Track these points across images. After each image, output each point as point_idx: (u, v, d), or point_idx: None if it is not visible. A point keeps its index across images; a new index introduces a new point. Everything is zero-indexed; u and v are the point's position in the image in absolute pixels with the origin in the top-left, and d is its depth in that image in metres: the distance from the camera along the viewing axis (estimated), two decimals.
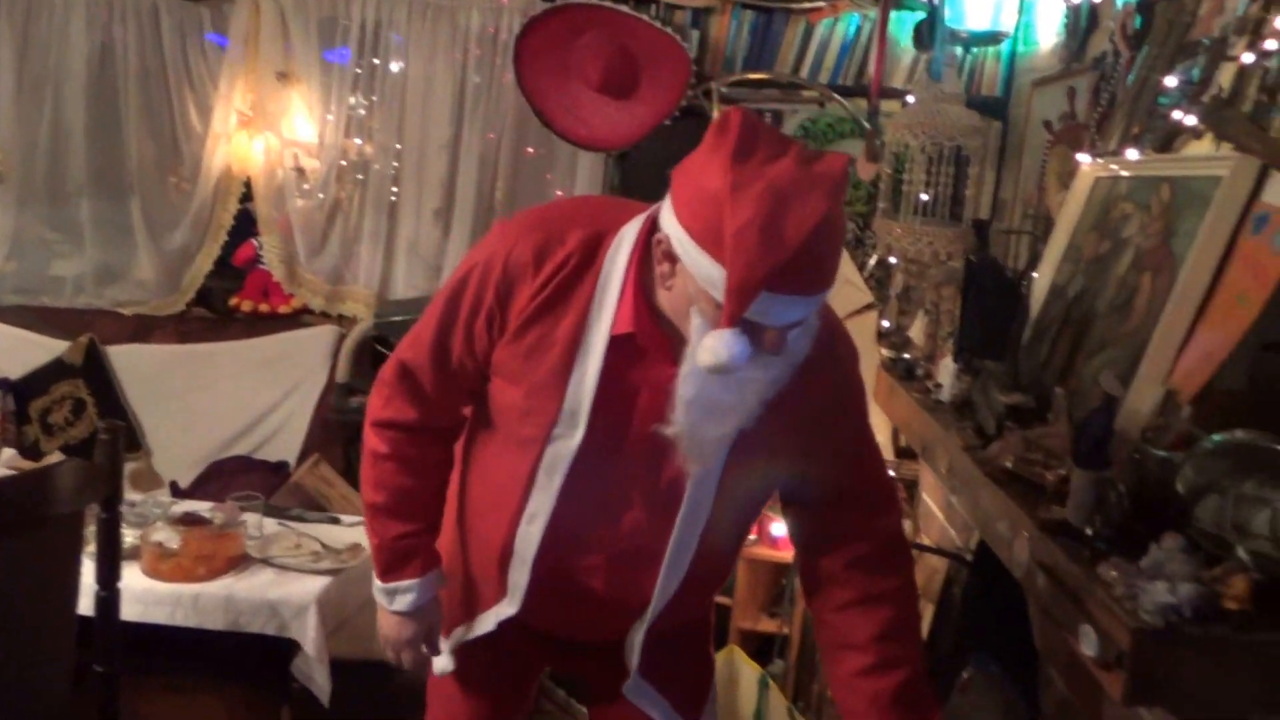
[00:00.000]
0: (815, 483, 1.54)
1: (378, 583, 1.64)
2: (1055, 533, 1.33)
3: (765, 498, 1.65)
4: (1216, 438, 1.17)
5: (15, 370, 3.63)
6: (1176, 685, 1.10)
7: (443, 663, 1.70)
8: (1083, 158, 1.99)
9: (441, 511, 1.66)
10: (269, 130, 3.75)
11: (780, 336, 1.27)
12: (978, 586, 2.07)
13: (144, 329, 3.81)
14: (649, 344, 1.38)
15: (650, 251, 1.37)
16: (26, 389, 3.61)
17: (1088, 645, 1.19)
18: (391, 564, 1.61)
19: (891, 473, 2.82)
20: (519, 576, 1.54)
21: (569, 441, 1.44)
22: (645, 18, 3.34)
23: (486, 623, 1.63)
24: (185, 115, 3.78)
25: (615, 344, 1.40)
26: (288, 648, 2.20)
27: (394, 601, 1.61)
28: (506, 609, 1.58)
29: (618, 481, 1.48)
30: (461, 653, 1.68)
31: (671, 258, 1.31)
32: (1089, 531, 1.29)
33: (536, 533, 1.50)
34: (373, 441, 1.59)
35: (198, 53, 3.74)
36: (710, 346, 1.25)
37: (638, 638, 1.59)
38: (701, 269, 1.26)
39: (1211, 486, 1.13)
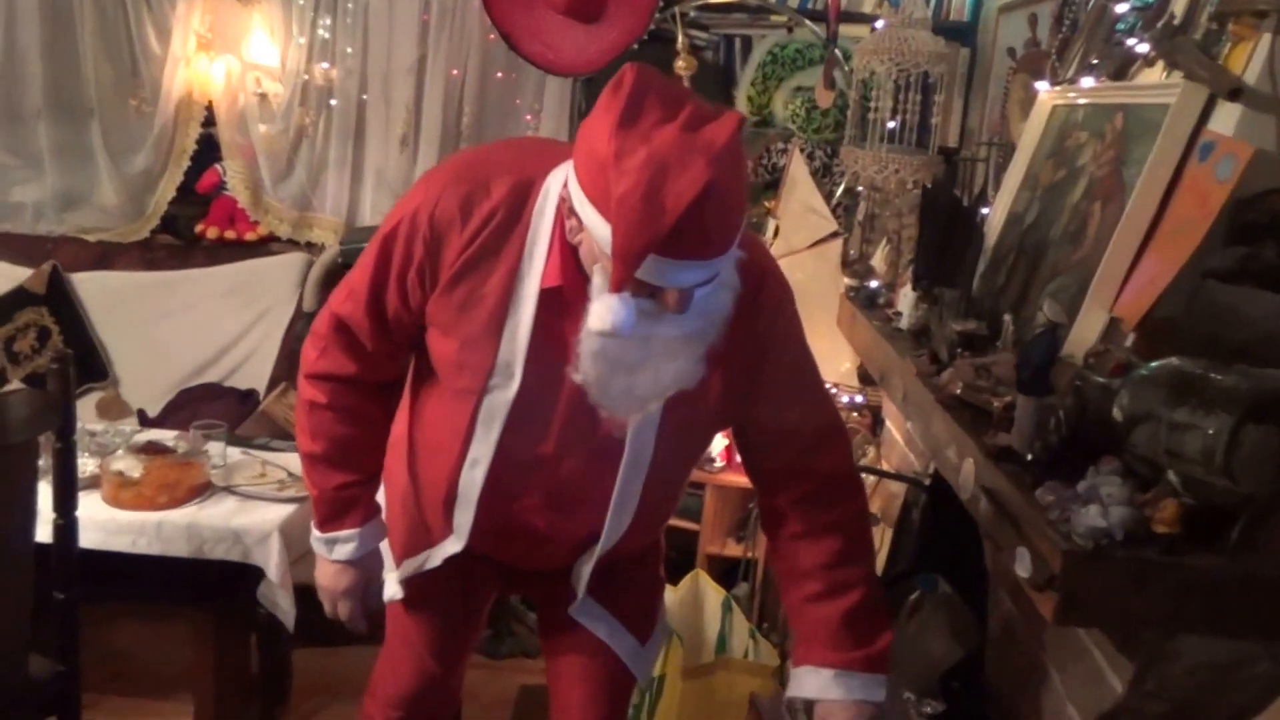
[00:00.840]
0: (755, 426, 1.57)
1: (316, 533, 1.64)
2: (999, 458, 1.35)
3: (707, 441, 1.69)
4: (1153, 365, 1.18)
5: None
6: (1104, 606, 1.14)
7: (391, 589, 1.72)
8: (1042, 85, 1.98)
9: (381, 463, 1.66)
10: (229, 53, 3.67)
11: (683, 297, 1.28)
12: (934, 510, 2.11)
13: (108, 256, 3.77)
14: (576, 298, 1.37)
15: None
16: None
17: (1022, 567, 1.22)
18: (331, 514, 1.62)
19: (859, 397, 2.89)
20: (464, 517, 1.56)
21: (504, 393, 1.45)
22: None
23: (434, 558, 1.65)
24: (144, 36, 3.69)
25: (546, 297, 1.41)
26: (254, 575, 2.22)
27: (334, 551, 1.62)
28: (453, 546, 1.61)
29: (557, 430, 1.49)
30: (412, 580, 1.70)
31: (575, 215, 1.31)
32: (1030, 457, 1.32)
33: (479, 477, 1.51)
34: (309, 392, 1.58)
35: None
36: (597, 311, 1.28)
37: (585, 569, 1.62)
38: (597, 230, 1.27)
39: (1147, 413, 1.14)
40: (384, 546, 1.72)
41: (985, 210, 2.04)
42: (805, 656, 1.57)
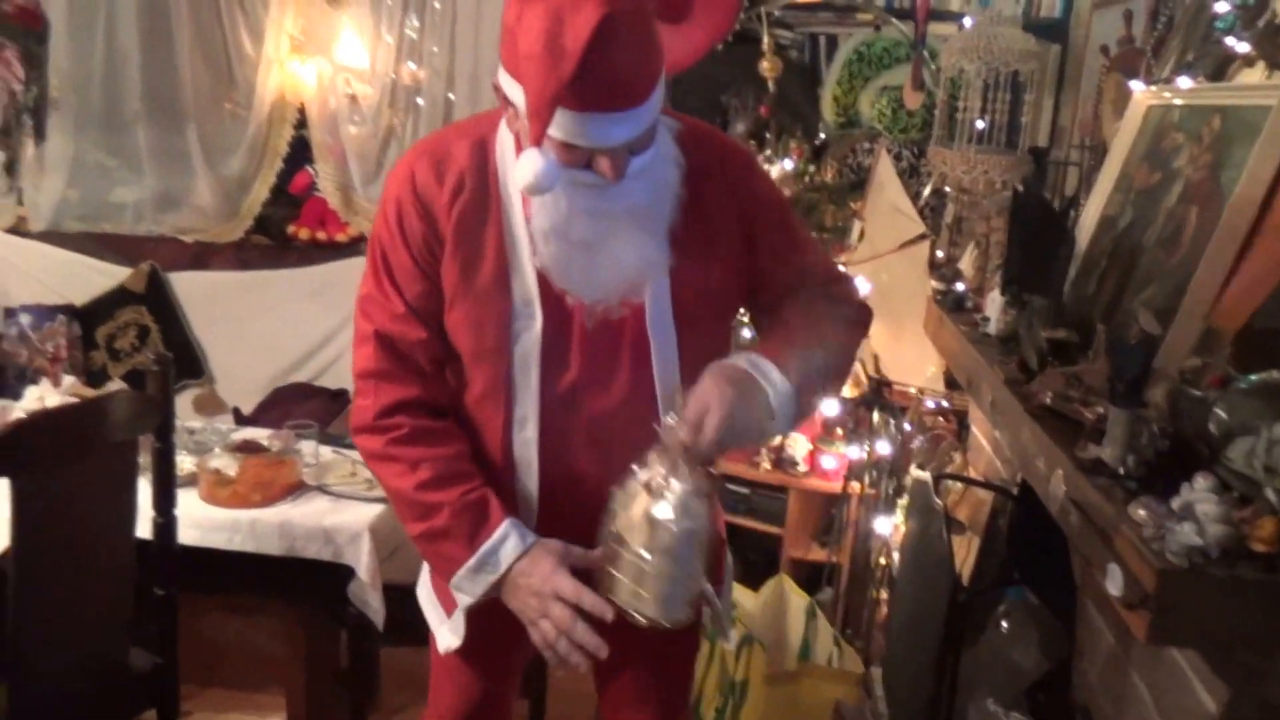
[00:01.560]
0: (764, 288, 1.56)
1: (470, 564, 1.44)
2: (1089, 471, 1.32)
3: (728, 320, 1.64)
4: (1252, 378, 1.15)
5: (80, 297, 3.74)
6: (1199, 626, 1.11)
7: (446, 640, 1.60)
8: (1136, 85, 1.93)
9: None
10: (320, 55, 3.76)
11: (616, 161, 1.30)
12: (1023, 520, 2.07)
13: (204, 255, 3.89)
14: None
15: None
16: (92, 315, 3.73)
17: (1113, 585, 1.19)
18: (474, 521, 1.45)
19: (944, 402, 2.85)
20: (528, 485, 1.50)
21: (531, 331, 1.44)
22: None
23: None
24: (238, 40, 3.80)
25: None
26: (345, 573, 2.27)
27: (502, 554, 1.43)
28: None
29: (588, 362, 1.47)
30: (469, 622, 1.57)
31: (505, 99, 1.34)
32: (1122, 470, 1.29)
33: (532, 435, 1.48)
34: (380, 440, 1.48)
35: None
36: (520, 167, 1.30)
37: None
38: (519, 100, 1.29)
39: (1244, 427, 1.11)
40: (429, 598, 1.65)
41: (1075, 213, 2.00)
42: None
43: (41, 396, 2.49)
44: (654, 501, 1.31)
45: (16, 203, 3.89)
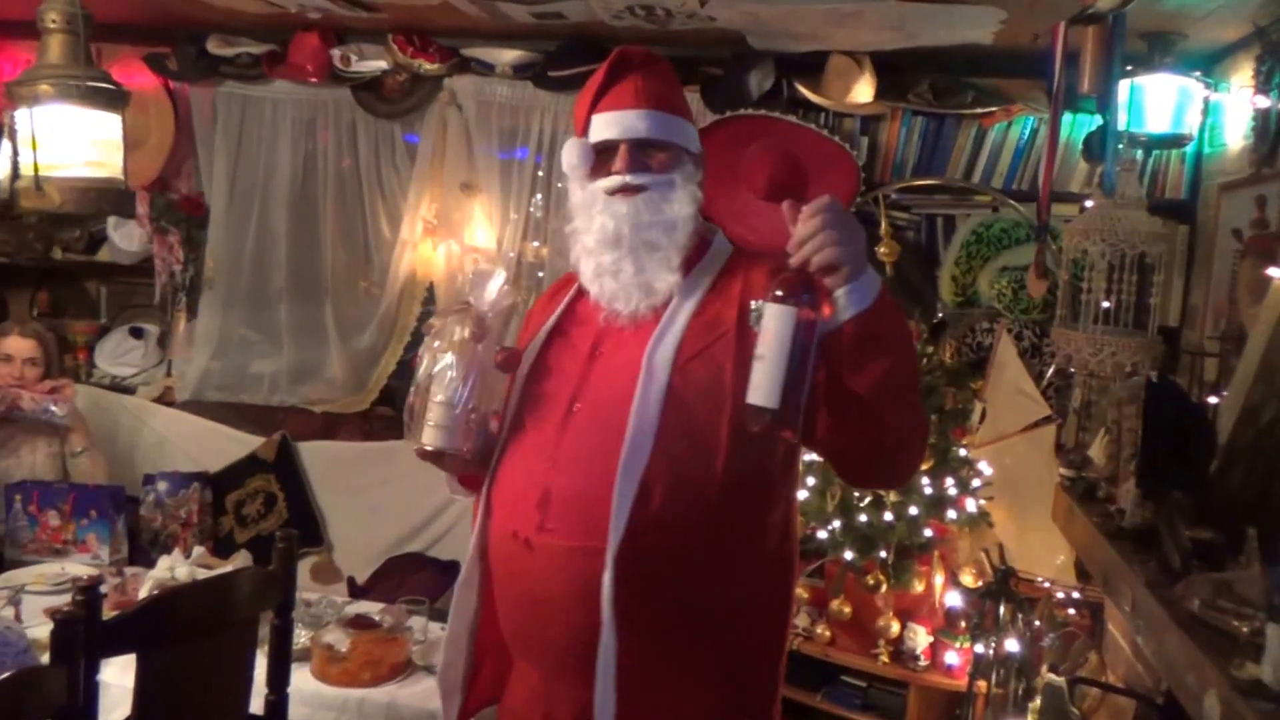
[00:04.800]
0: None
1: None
2: (1248, 693, 1.22)
3: (724, 385, 1.57)
4: None
5: (214, 464, 3.88)
6: None
7: None
8: (1274, 271, 1.87)
9: None
10: (452, 238, 3.94)
11: (630, 156, 1.62)
12: None
13: (331, 426, 4.01)
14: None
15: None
16: (223, 482, 3.85)
17: None
18: None
19: (1076, 594, 2.70)
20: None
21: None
22: (813, 126, 3.36)
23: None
24: (377, 224, 4.00)
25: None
26: None
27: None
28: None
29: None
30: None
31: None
32: None
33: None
34: None
35: (390, 166, 3.97)
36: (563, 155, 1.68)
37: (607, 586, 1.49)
38: (569, 157, 1.68)
39: None
40: None
41: (1214, 400, 1.91)
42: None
43: (171, 566, 2.56)
44: (434, 341, 1.65)
45: (165, 374, 4.10)
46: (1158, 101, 2.84)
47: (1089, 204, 2.67)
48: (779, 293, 1.44)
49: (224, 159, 4.00)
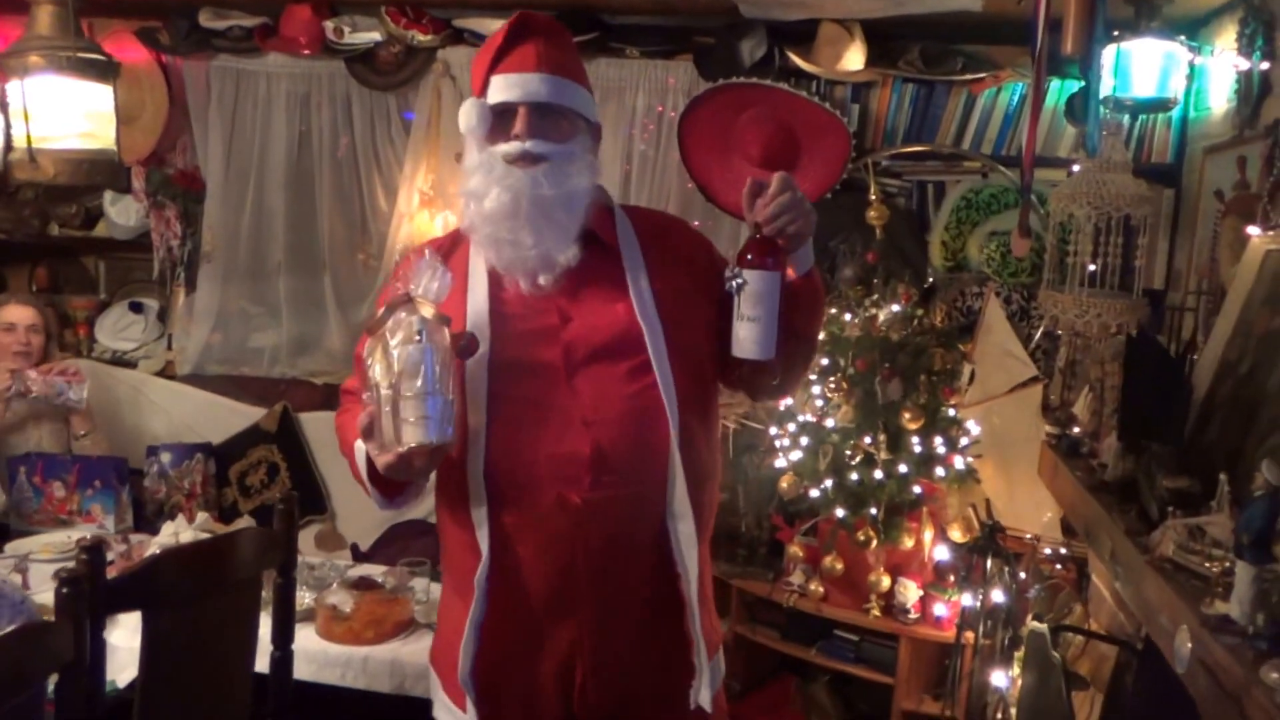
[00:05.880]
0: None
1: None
2: (1216, 628, 1.28)
3: (706, 329, 1.72)
4: None
5: (217, 436, 3.92)
6: None
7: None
8: (1253, 230, 1.91)
9: None
10: (448, 209, 3.97)
11: (529, 121, 1.62)
12: (1150, 676, 1.97)
13: (332, 397, 4.04)
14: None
15: None
16: (226, 453, 3.90)
17: None
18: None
19: (1063, 550, 2.76)
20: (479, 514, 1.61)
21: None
22: (805, 94, 3.39)
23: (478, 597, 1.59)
24: (373, 196, 4.03)
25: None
26: None
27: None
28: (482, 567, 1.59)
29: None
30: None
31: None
32: (1251, 630, 1.24)
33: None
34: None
35: (385, 138, 4.00)
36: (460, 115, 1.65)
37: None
38: (467, 118, 1.65)
39: None
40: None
41: (1193, 357, 1.96)
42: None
43: (176, 532, 2.61)
44: (390, 339, 1.51)
45: (166, 348, 4.15)
46: (1143, 66, 2.86)
47: (1076, 169, 2.70)
48: (756, 258, 1.62)
49: (219, 133, 4.02)
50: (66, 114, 2.33)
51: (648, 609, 1.66)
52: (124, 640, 2.12)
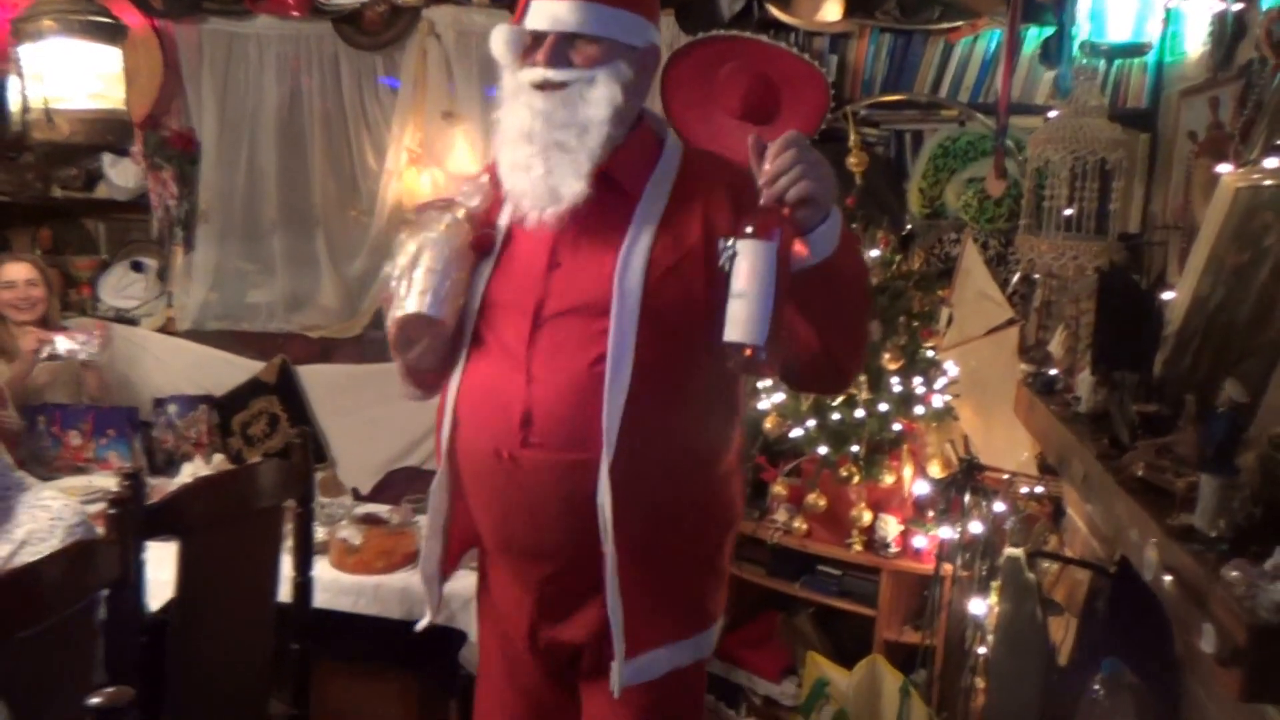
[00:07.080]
0: None
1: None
2: (1182, 537, 1.35)
3: (696, 299, 1.61)
4: None
5: (219, 388, 4.02)
6: None
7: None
8: (1224, 168, 1.98)
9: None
10: (435, 166, 4.02)
11: (551, 48, 1.57)
12: (1121, 598, 2.07)
13: (328, 350, 4.13)
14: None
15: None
16: (229, 405, 3.99)
17: (1207, 643, 1.21)
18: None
19: (1039, 488, 2.85)
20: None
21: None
22: (784, 45, 3.43)
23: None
24: (363, 155, 4.07)
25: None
26: (459, 638, 2.38)
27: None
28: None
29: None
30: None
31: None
32: (1214, 535, 1.31)
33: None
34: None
35: (373, 97, 4.04)
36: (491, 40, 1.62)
37: (605, 500, 1.55)
38: (496, 43, 1.62)
39: None
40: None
41: (1168, 295, 2.02)
42: None
43: (195, 471, 2.70)
44: (422, 229, 1.63)
45: (166, 305, 4.22)
46: (1119, 10, 2.90)
47: (1052, 114, 2.75)
48: (751, 229, 1.43)
49: (212, 95, 4.06)
50: (78, 76, 2.38)
51: (577, 579, 1.63)
52: (153, 572, 2.19)
